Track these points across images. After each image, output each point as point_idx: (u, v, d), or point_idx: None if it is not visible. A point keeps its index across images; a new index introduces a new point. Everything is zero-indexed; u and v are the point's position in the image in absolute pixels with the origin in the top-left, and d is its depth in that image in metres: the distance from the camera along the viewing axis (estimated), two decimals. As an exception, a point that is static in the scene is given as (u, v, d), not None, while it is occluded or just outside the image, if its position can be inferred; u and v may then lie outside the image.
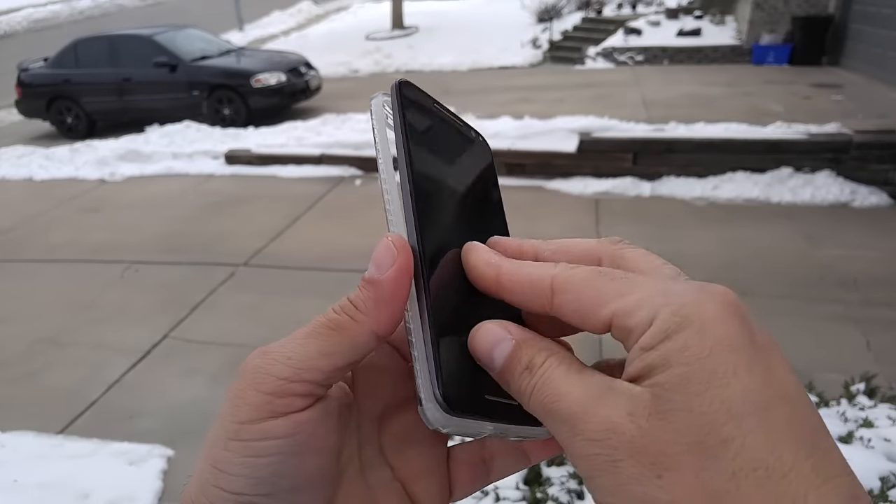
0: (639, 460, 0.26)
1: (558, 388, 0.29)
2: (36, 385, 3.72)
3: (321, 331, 0.33)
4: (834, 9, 10.21)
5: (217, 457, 0.32)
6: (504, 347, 0.32)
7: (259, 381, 0.32)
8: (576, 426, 0.28)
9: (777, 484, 0.24)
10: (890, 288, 4.11)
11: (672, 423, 0.26)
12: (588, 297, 0.30)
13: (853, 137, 5.75)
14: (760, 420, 0.25)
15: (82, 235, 5.95)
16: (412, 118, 0.35)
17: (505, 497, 1.79)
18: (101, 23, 20.27)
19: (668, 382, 0.26)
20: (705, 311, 0.27)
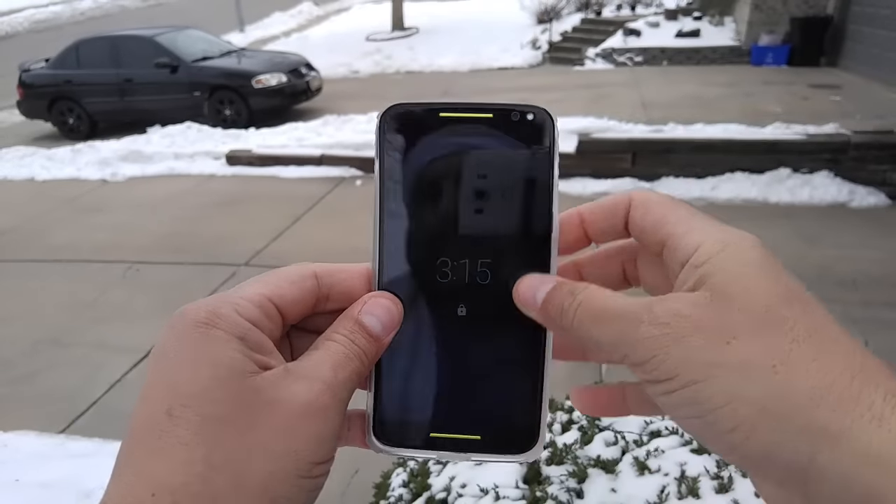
0: (706, 334, 0.30)
1: (606, 297, 0.33)
2: (38, 385, 3.73)
3: (352, 377, 0.34)
4: (832, 10, 10.22)
5: (280, 495, 0.31)
6: (546, 286, 0.35)
7: (337, 423, 0.33)
8: (640, 316, 0.31)
9: (831, 344, 0.29)
10: (889, 288, 4.12)
11: (733, 306, 0.30)
12: (657, 214, 0.35)
13: (851, 138, 5.76)
14: (805, 307, 0.30)
15: (84, 236, 5.97)
16: (396, 145, 0.36)
17: (505, 496, 1.81)
18: (103, 24, 20.28)
19: (724, 279, 0.31)
20: (744, 240, 0.33)
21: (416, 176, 0.35)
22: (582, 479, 1.83)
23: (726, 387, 0.29)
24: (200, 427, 0.30)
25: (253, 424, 0.31)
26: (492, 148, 0.36)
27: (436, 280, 0.36)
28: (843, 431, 0.26)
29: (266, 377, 0.32)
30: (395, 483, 2.00)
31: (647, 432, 1.96)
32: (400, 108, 0.35)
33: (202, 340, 0.31)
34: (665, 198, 0.36)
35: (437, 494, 1.87)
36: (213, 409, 0.30)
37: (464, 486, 1.87)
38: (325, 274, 0.37)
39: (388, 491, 1.98)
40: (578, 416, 2.14)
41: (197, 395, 0.30)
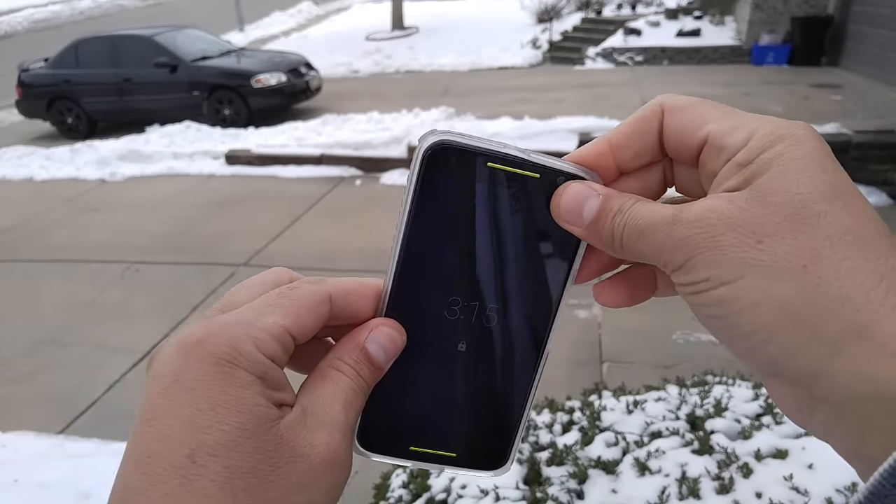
0: (739, 232, 0.29)
1: (649, 210, 0.33)
2: (37, 385, 3.73)
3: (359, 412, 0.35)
4: (833, 9, 10.21)
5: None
6: (593, 203, 0.34)
7: (349, 468, 0.34)
8: (675, 218, 0.31)
9: (865, 244, 0.28)
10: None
11: (770, 202, 0.29)
12: (692, 116, 0.34)
13: (852, 138, 5.75)
14: (846, 203, 0.29)
15: (83, 235, 5.96)
16: (434, 181, 0.35)
17: (505, 497, 1.80)
18: (102, 23, 20.28)
19: (767, 178, 0.30)
20: (796, 130, 0.31)
21: (447, 216, 0.35)
22: (582, 480, 1.82)
23: (755, 288, 0.28)
24: (227, 480, 0.29)
25: (276, 477, 0.30)
26: (527, 206, 0.36)
27: (443, 316, 0.37)
28: (864, 328, 0.26)
29: (287, 425, 0.31)
30: (394, 484, 1.99)
31: (647, 433, 1.96)
32: (448, 143, 0.34)
33: (226, 382, 0.30)
34: (697, 99, 0.35)
35: (436, 496, 1.86)
36: (239, 461, 0.29)
37: (464, 486, 1.86)
38: (339, 297, 0.36)
39: (388, 492, 1.97)
40: (579, 416, 2.13)
41: (225, 445, 0.29)
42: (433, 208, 0.35)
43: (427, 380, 0.38)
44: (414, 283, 0.36)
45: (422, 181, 0.34)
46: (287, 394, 0.33)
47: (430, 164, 0.34)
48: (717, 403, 2.00)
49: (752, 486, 1.65)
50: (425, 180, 0.34)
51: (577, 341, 3.58)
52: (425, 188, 0.34)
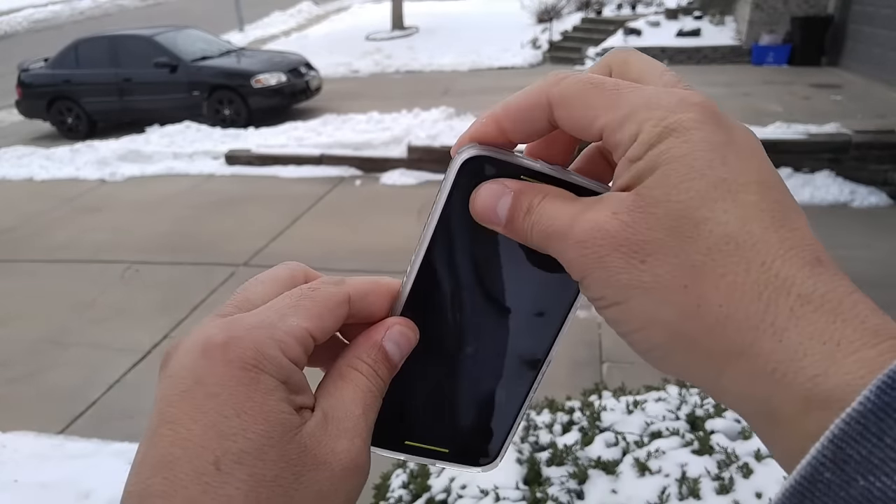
0: (623, 252, 0.28)
1: (552, 213, 0.31)
2: (37, 385, 3.73)
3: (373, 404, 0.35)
4: (833, 9, 10.21)
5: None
6: (505, 201, 0.33)
7: (367, 473, 0.34)
8: (566, 235, 0.30)
9: (746, 252, 0.26)
10: (889, 288, 4.11)
11: (652, 214, 0.28)
12: (580, 111, 0.31)
13: (852, 137, 5.75)
14: (731, 203, 0.27)
15: (83, 236, 5.96)
16: (466, 192, 0.35)
17: (505, 497, 1.80)
18: (102, 23, 20.28)
19: (651, 182, 0.28)
20: (685, 119, 0.28)
21: (473, 225, 0.35)
22: (582, 480, 1.82)
23: (642, 309, 0.28)
24: (252, 488, 0.29)
25: (300, 486, 0.30)
26: None
27: (455, 320, 0.38)
28: (745, 347, 0.26)
29: (310, 432, 0.31)
30: (394, 484, 1.99)
31: (647, 433, 1.96)
32: (485, 154, 0.35)
33: (252, 388, 0.30)
34: (582, 82, 0.31)
35: (436, 496, 1.86)
36: (264, 469, 0.29)
37: (464, 487, 1.86)
38: (358, 298, 0.36)
39: (388, 492, 1.97)
40: (579, 416, 2.13)
41: (250, 453, 0.29)
42: (461, 216, 0.35)
43: (429, 379, 0.39)
44: (432, 286, 0.37)
45: (453, 188, 0.35)
46: (307, 397, 0.33)
47: (464, 172, 0.35)
48: (716, 403, 1.99)
49: (752, 486, 1.65)
50: (457, 187, 0.35)
51: (577, 341, 3.58)
52: (455, 195, 0.35)
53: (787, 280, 0.26)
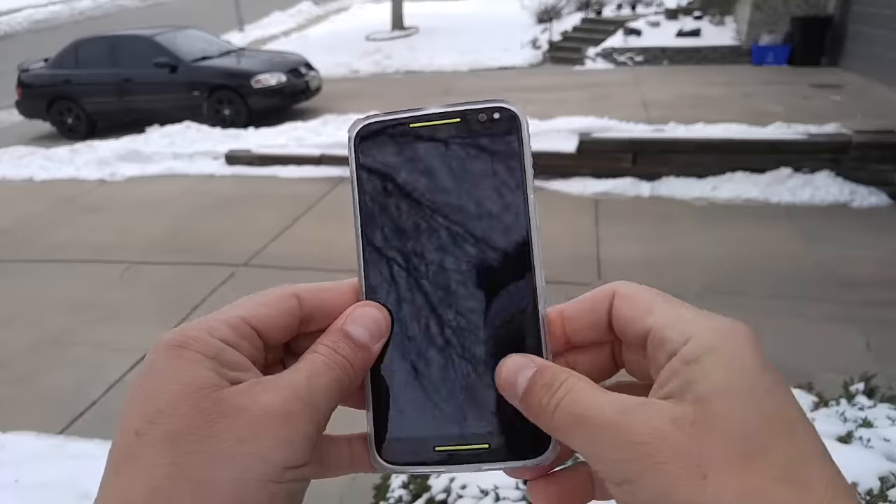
0: (685, 463, 0.28)
1: (589, 400, 0.32)
2: (37, 385, 3.73)
3: (334, 386, 0.34)
4: (833, 9, 10.21)
5: (247, 499, 0.30)
6: (527, 373, 0.34)
7: (309, 430, 0.33)
8: (618, 431, 0.30)
9: (807, 485, 0.28)
10: (889, 288, 4.11)
11: (716, 430, 0.28)
12: (639, 304, 0.34)
13: (852, 138, 5.75)
14: (790, 435, 0.29)
15: (83, 236, 5.96)
16: (370, 160, 0.36)
17: (505, 497, 1.80)
18: (102, 23, 20.27)
19: (710, 393, 0.29)
20: (737, 335, 0.31)
21: (392, 185, 0.36)
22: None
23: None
24: (164, 442, 0.30)
25: (215, 433, 0.31)
26: (462, 151, 0.36)
27: (423, 286, 0.36)
28: None
29: (232, 389, 0.32)
30: (394, 485, 1.99)
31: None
32: (371, 122, 0.36)
33: (175, 361, 0.32)
34: (651, 289, 0.35)
35: (436, 496, 1.86)
36: (176, 423, 0.30)
37: (464, 487, 1.86)
38: (310, 294, 0.37)
39: (388, 492, 1.97)
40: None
41: (163, 411, 0.31)
42: (376, 184, 0.36)
43: (429, 363, 0.36)
44: (381, 261, 0.36)
45: (358, 163, 0.36)
46: (246, 374, 0.34)
47: (361, 145, 0.36)
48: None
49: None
50: (361, 162, 0.36)
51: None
52: (363, 169, 0.36)
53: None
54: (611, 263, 4.66)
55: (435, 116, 0.36)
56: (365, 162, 0.36)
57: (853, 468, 1.57)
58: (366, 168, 0.36)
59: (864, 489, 1.51)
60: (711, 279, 4.31)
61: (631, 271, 4.52)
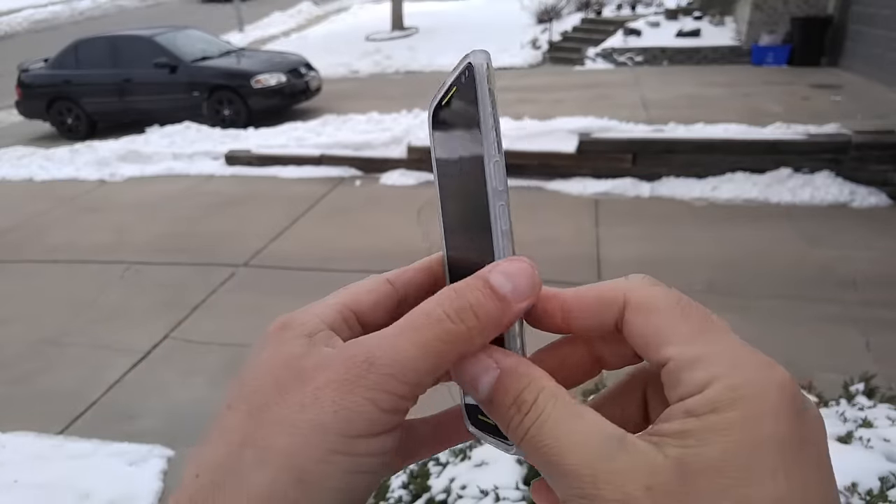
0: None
1: (558, 438, 0.27)
2: (36, 385, 3.72)
3: (435, 344, 0.30)
4: (833, 10, 10.21)
5: (308, 469, 0.28)
6: (490, 377, 0.30)
7: (375, 397, 0.29)
8: (583, 488, 0.26)
9: None
10: (889, 288, 4.11)
11: (694, 498, 0.24)
12: (655, 325, 0.29)
13: (852, 138, 5.75)
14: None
15: (82, 236, 5.96)
16: (433, 142, 0.37)
17: (505, 497, 1.80)
18: (102, 24, 20.27)
19: (699, 462, 0.25)
20: (764, 396, 0.26)
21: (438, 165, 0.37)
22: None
23: None
24: (245, 413, 0.30)
25: (283, 401, 0.30)
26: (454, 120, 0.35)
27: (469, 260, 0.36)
28: None
29: (312, 357, 0.31)
30: (394, 485, 1.99)
31: (648, 434, 1.96)
32: (435, 103, 0.36)
33: (272, 339, 0.33)
34: (671, 299, 0.30)
35: (436, 496, 1.86)
36: (258, 395, 0.31)
37: (464, 487, 1.86)
38: (397, 275, 0.38)
39: (388, 493, 1.97)
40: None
41: (248, 384, 0.31)
42: (436, 162, 0.37)
43: None
44: (448, 233, 0.37)
45: (433, 146, 0.36)
46: None
47: (433, 130, 0.37)
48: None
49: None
50: (434, 144, 0.37)
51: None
52: (434, 149, 0.37)
53: None
54: (611, 263, 4.65)
55: (448, 90, 0.35)
56: (433, 144, 0.37)
57: (853, 468, 1.57)
58: (434, 149, 0.37)
59: (864, 489, 1.51)
60: (711, 279, 4.31)
61: (631, 271, 4.49)
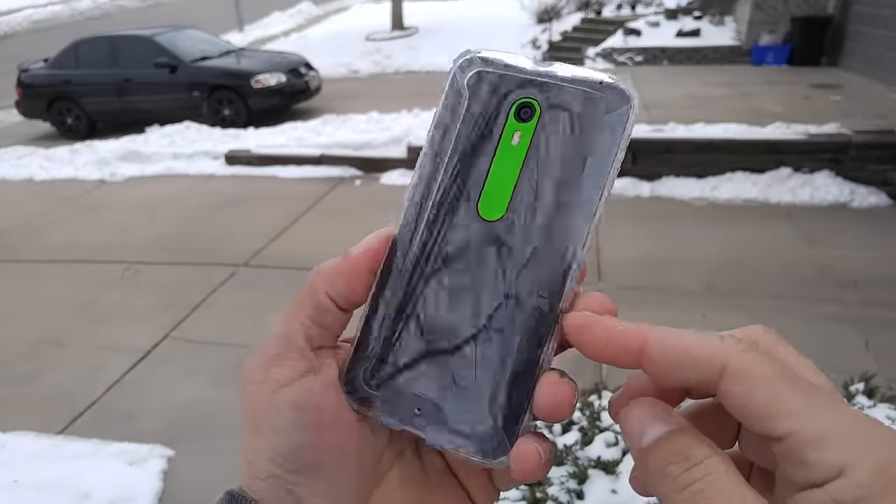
0: None
1: (729, 498, 0.26)
2: (36, 385, 3.72)
3: (298, 298, 0.37)
4: (833, 9, 10.21)
5: (245, 452, 0.35)
6: (659, 428, 0.29)
7: (253, 371, 0.36)
8: None
9: None
10: (889, 288, 4.11)
11: None
12: (763, 397, 0.27)
13: (852, 138, 5.75)
14: None
15: (82, 236, 5.96)
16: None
17: (504, 497, 1.80)
18: (102, 24, 20.27)
19: None
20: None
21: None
22: (582, 480, 1.82)
23: None
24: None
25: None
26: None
27: None
28: None
29: None
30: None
31: (647, 433, 1.95)
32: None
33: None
34: (774, 368, 0.28)
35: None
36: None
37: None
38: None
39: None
40: (578, 416, 2.13)
41: None
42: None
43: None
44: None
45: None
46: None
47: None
48: (717, 403, 1.99)
49: (752, 487, 1.64)
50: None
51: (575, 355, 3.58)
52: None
53: None
54: (611, 264, 4.65)
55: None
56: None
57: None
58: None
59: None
60: (711, 279, 4.31)
61: (631, 272, 4.52)
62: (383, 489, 0.37)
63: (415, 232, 0.36)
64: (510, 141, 0.34)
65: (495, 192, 0.34)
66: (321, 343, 0.37)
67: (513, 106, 0.35)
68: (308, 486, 0.34)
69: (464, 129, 0.36)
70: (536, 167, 0.34)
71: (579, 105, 0.34)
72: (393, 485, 0.38)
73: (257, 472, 0.35)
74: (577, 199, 0.33)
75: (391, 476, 0.38)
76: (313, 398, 0.34)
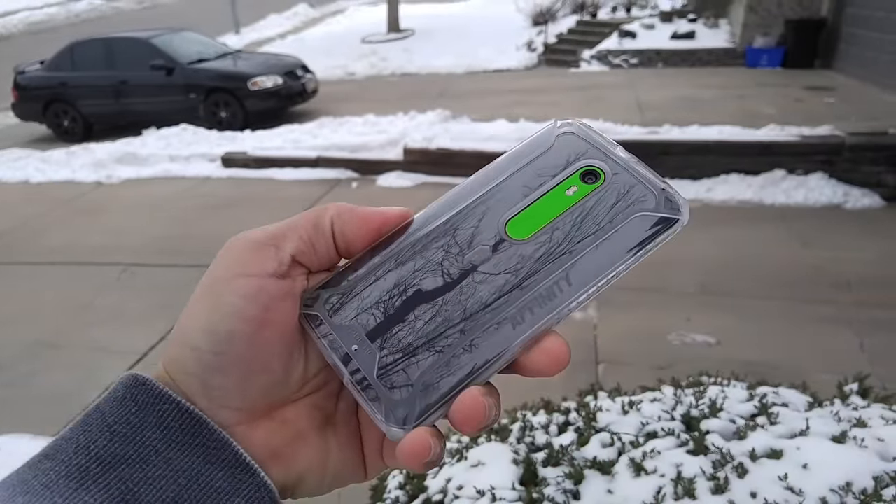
0: None
1: None
2: (33, 388, 3.72)
3: (306, 213, 0.39)
4: (827, 12, 10.27)
5: (184, 315, 0.38)
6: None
7: (236, 244, 0.40)
8: None
9: None
10: (883, 289, 4.14)
11: None
12: None
13: (846, 140, 5.79)
14: None
15: (79, 238, 5.95)
16: None
17: (501, 497, 1.81)
18: (98, 26, 20.23)
19: None
20: None
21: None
22: (578, 481, 1.83)
23: None
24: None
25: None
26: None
27: None
28: None
29: None
30: (391, 485, 2.00)
31: (643, 434, 1.97)
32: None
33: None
34: None
35: (433, 496, 1.87)
36: None
37: (460, 487, 1.87)
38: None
39: (385, 493, 1.98)
40: (575, 417, 2.14)
41: None
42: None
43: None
44: None
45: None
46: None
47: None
48: (711, 404, 2.01)
49: (746, 486, 1.66)
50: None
51: (572, 342, 3.57)
52: None
53: None
54: (606, 265, 4.67)
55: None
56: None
57: (848, 468, 1.59)
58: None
59: (859, 489, 1.53)
60: (706, 280, 4.33)
61: (628, 273, 4.53)
62: (289, 409, 0.38)
63: (435, 218, 0.39)
64: (565, 190, 0.39)
65: (529, 220, 0.38)
66: (302, 260, 0.38)
67: (583, 168, 0.39)
68: (223, 373, 0.35)
69: (533, 164, 0.40)
70: (574, 220, 0.38)
71: (636, 194, 0.38)
72: (300, 409, 0.39)
73: (185, 338, 0.36)
74: (588, 268, 0.37)
75: (303, 402, 0.39)
76: (266, 297, 0.36)
